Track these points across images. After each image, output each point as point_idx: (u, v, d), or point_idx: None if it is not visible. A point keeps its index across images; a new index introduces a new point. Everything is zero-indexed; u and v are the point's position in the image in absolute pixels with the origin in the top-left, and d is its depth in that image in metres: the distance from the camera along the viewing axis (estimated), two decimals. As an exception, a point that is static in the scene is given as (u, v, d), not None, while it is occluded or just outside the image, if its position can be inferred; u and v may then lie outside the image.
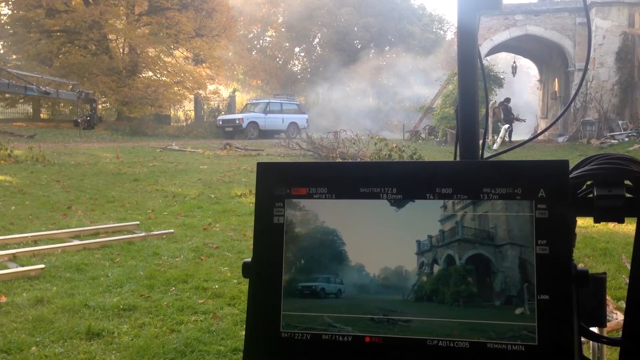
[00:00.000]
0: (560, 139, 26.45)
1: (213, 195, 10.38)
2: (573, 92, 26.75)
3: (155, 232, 7.11)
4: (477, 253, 0.86)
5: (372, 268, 0.89)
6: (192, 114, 40.71)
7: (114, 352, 3.72)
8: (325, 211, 0.93)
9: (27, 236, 6.67)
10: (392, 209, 0.90)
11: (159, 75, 36.82)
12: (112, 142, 25.03)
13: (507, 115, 26.56)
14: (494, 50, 29.67)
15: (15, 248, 6.18)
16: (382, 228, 0.90)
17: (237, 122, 30.86)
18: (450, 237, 0.87)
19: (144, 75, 36.10)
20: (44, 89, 11.87)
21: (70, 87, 13.12)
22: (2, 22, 33.10)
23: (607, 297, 3.62)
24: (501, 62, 46.55)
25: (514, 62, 31.67)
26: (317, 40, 57.52)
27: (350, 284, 0.89)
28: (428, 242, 0.88)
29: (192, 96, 38.10)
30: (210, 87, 40.86)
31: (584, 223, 6.90)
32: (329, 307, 0.90)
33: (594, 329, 0.98)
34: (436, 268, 0.87)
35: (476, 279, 0.86)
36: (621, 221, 0.92)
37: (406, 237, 0.89)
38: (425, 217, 0.89)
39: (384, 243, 0.89)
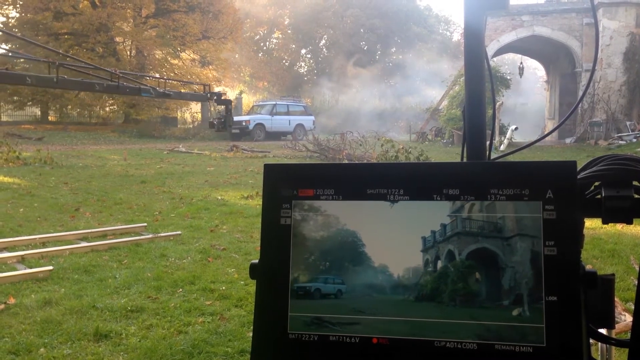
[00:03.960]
0: (568, 140, 26.35)
1: (220, 197, 10.40)
2: (580, 93, 26.65)
3: (162, 234, 7.13)
4: (479, 248, 0.86)
5: (380, 268, 0.89)
6: (199, 115, 40.76)
7: (122, 353, 3.73)
8: (333, 212, 0.93)
9: (36, 238, 6.70)
10: (399, 210, 0.90)
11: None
12: (120, 144, 25.12)
13: None
14: (501, 51, 29.60)
15: (23, 250, 6.21)
16: (389, 229, 0.90)
17: (244, 123, 30.88)
18: (451, 232, 0.87)
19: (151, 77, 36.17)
20: (161, 90, 11.57)
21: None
22: (10, 24, 33.29)
23: (616, 299, 3.60)
24: (508, 63, 46.49)
25: (521, 62, 31.57)
26: (323, 42, 57.57)
27: (357, 285, 0.89)
28: (432, 238, 0.88)
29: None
30: (217, 89, 40.91)
31: (591, 224, 6.87)
32: (336, 308, 0.89)
33: (602, 331, 0.98)
34: (439, 265, 0.87)
35: (478, 276, 0.85)
36: (629, 222, 0.92)
37: (412, 236, 0.88)
38: (431, 217, 0.89)
39: (391, 243, 0.89)
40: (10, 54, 17.37)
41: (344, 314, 0.89)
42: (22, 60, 32.39)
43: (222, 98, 12.68)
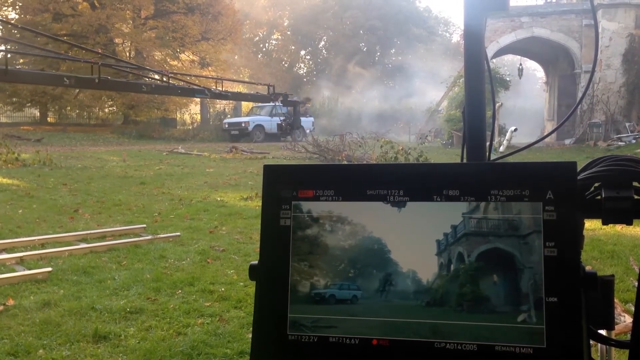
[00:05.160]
0: (567, 141, 26.37)
1: (219, 198, 10.40)
2: (579, 94, 26.68)
3: (161, 235, 7.12)
4: (488, 249, 0.86)
5: (383, 271, 0.89)
6: (198, 117, 40.84)
7: (121, 355, 3.73)
8: (333, 213, 0.93)
9: (35, 239, 6.69)
10: (400, 210, 0.90)
11: (165, 79, 36.90)
12: (119, 145, 25.13)
13: None
14: (500, 52, 29.63)
15: (22, 251, 6.21)
16: (391, 230, 0.89)
17: (243, 125, 30.91)
18: (461, 234, 0.87)
19: (150, 78, 36.20)
20: (217, 91, 11.14)
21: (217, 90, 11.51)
22: (9, 26, 33.32)
23: (615, 300, 3.60)
24: (507, 64, 46.53)
25: (520, 64, 31.59)
26: (322, 43, 57.58)
27: (359, 287, 0.89)
28: (444, 241, 0.87)
29: (198, 99, 38.21)
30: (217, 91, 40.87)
31: (591, 225, 6.87)
32: (336, 310, 0.89)
33: (602, 332, 0.97)
34: (445, 267, 0.87)
35: (482, 278, 0.85)
36: (629, 223, 0.92)
37: (414, 239, 0.88)
38: (432, 219, 0.88)
39: (392, 245, 0.89)
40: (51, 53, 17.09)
41: (344, 316, 0.89)
42: (21, 60, 32.46)
43: (289, 99, 12.06)
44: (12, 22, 25.38)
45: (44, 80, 10.01)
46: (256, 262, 0.95)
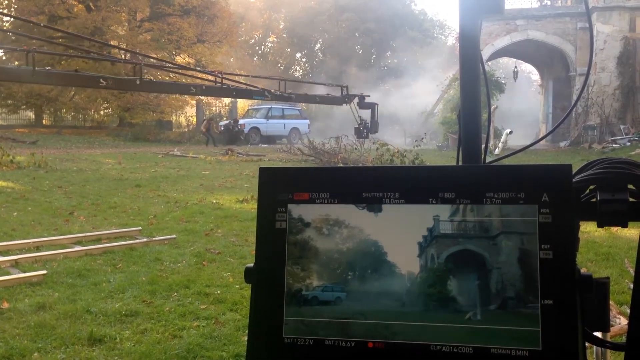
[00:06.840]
0: (562, 144, 26.44)
1: (215, 201, 10.38)
2: (574, 97, 26.75)
3: (157, 238, 7.10)
4: (463, 249, 0.86)
5: (376, 273, 0.89)
6: (194, 119, 40.76)
7: (116, 358, 3.72)
8: (328, 216, 0.93)
9: (29, 242, 6.67)
10: (395, 213, 0.90)
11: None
12: (114, 147, 25.09)
13: None
14: (496, 55, 29.70)
15: (17, 254, 6.18)
16: (386, 233, 0.89)
17: (239, 127, 30.91)
18: (443, 235, 0.87)
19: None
20: (278, 92, 10.67)
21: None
22: (5, 28, 33.26)
23: (610, 302, 3.61)
24: (503, 67, 46.64)
25: (515, 67, 31.71)
26: (318, 45, 57.64)
27: (353, 290, 0.89)
28: (424, 242, 0.87)
29: (193, 102, 38.19)
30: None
31: (586, 227, 6.89)
32: (332, 312, 0.89)
33: (597, 334, 0.97)
34: (432, 269, 0.87)
35: (471, 278, 0.85)
36: (625, 225, 0.92)
37: (409, 241, 0.88)
38: (427, 221, 0.88)
39: (387, 248, 0.89)
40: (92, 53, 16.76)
41: (340, 319, 0.89)
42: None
43: (366, 101, 11.40)
44: (34, 21, 25.21)
45: (77, 82, 9.78)
46: (252, 264, 0.95)
